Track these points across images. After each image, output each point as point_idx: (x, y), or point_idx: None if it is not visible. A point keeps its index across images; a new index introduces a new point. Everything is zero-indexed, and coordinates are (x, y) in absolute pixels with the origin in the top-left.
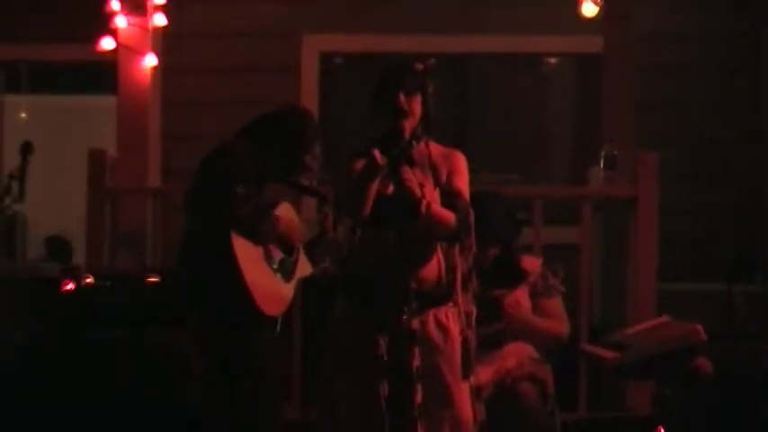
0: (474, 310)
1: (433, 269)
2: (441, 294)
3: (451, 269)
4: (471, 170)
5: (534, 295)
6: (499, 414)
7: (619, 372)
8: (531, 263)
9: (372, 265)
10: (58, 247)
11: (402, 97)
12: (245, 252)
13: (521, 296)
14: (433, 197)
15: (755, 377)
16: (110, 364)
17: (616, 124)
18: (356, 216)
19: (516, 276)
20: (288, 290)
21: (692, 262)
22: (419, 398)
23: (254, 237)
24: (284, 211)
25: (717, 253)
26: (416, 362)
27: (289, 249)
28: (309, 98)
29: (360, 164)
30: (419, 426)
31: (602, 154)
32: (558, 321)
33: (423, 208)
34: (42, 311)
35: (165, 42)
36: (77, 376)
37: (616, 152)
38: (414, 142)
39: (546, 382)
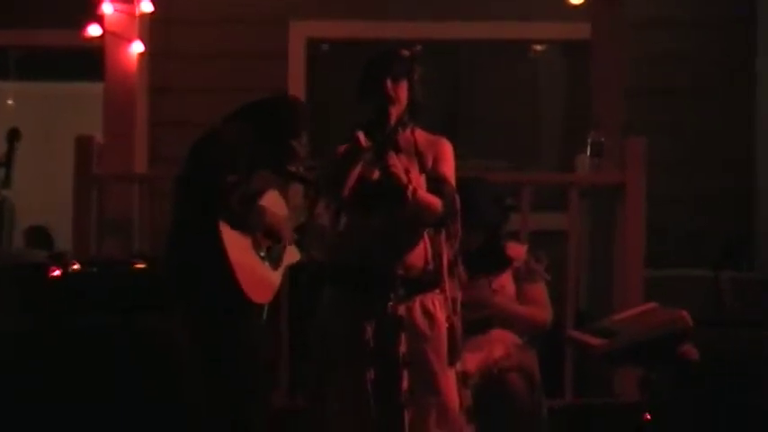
0: (460, 296)
1: (419, 255)
2: (427, 281)
3: (438, 255)
4: (460, 156)
5: (518, 280)
6: (486, 404)
7: (606, 358)
8: (517, 249)
9: (359, 252)
10: (37, 237)
11: (389, 83)
12: (233, 240)
13: (505, 281)
14: (419, 183)
15: (744, 363)
16: (98, 350)
17: (605, 111)
18: (335, 194)
19: (501, 262)
20: (275, 277)
21: (680, 249)
22: (405, 384)
23: (242, 228)
24: (272, 199)
25: (706, 240)
26: (403, 348)
27: (276, 238)
28: (297, 84)
29: (343, 148)
30: (405, 412)
31: (589, 141)
32: (540, 308)
33: (409, 194)
34: (29, 298)
35: (152, 29)
36: (65, 362)
37: (603, 139)
38: (399, 129)
39: (533, 372)
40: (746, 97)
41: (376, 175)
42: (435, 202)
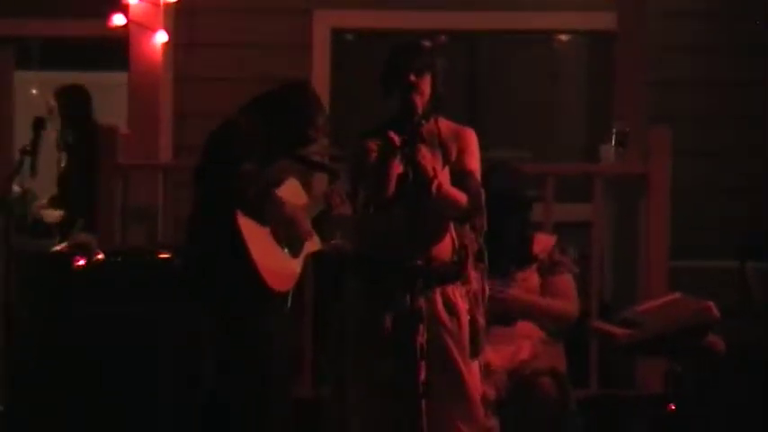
0: (486, 288)
1: (445, 248)
2: (449, 272)
3: (463, 247)
4: (483, 148)
5: (544, 272)
6: (516, 404)
7: (630, 349)
8: (545, 241)
9: (381, 243)
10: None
11: (413, 77)
12: (252, 228)
13: (529, 274)
14: (443, 176)
15: None
16: (121, 339)
17: (628, 101)
18: (380, 198)
19: (527, 257)
20: (295, 265)
21: (706, 239)
22: (423, 375)
23: (259, 218)
24: (291, 188)
25: (732, 230)
26: (421, 339)
27: (295, 229)
28: (321, 75)
29: (372, 144)
30: (423, 403)
31: (614, 131)
32: (566, 300)
33: (434, 188)
34: (54, 287)
35: (176, 18)
36: (89, 351)
37: (628, 129)
38: (423, 121)
39: (562, 371)
40: None
41: (401, 168)
42: (460, 197)
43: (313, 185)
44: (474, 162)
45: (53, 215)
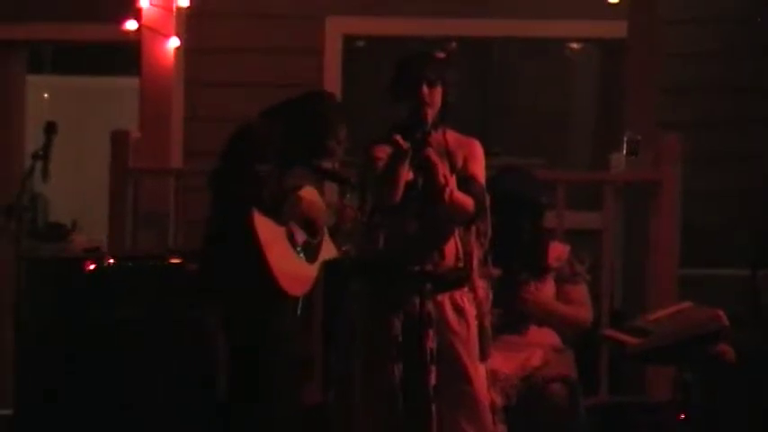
0: (490, 295)
1: (450, 253)
2: (457, 278)
3: (468, 254)
4: (495, 154)
5: (559, 281)
6: (526, 410)
7: (640, 357)
8: (559, 249)
9: (390, 249)
10: (55, 233)
11: (425, 89)
12: (268, 232)
13: (545, 284)
14: (452, 184)
15: None
16: (132, 343)
17: (639, 109)
18: (388, 205)
19: (542, 268)
20: (311, 270)
21: (716, 247)
22: (433, 379)
23: (277, 216)
24: (307, 194)
25: (742, 238)
26: (431, 344)
27: (313, 230)
28: (332, 80)
29: (380, 151)
30: (433, 407)
31: (625, 139)
32: (581, 307)
33: (446, 196)
34: (65, 291)
35: (188, 23)
36: (99, 356)
37: (639, 137)
38: (432, 131)
39: (573, 378)
40: None
41: (410, 176)
42: (468, 202)
43: (324, 194)
44: (479, 168)
45: None
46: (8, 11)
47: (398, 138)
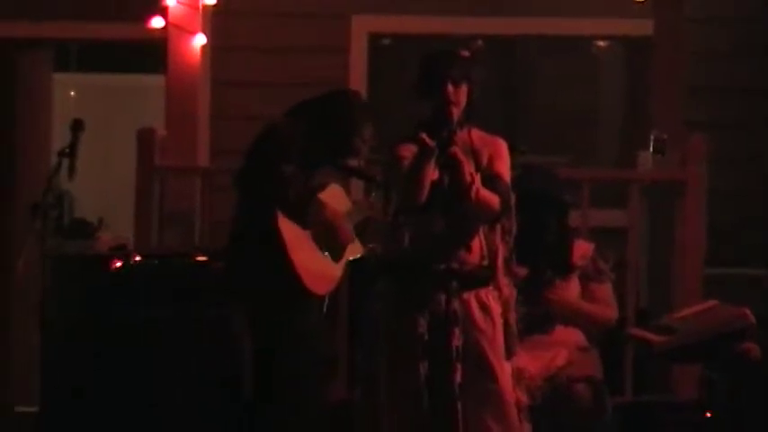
0: (515, 293)
1: (475, 251)
2: (482, 276)
3: (492, 252)
4: (522, 152)
5: (584, 280)
6: (551, 410)
7: (666, 355)
8: (584, 248)
9: (415, 247)
10: (81, 230)
11: (450, 88)
12: (292, 232)
13: (570, 283)
14: (476, 181)
15: None
16: (158, 341)
17: (665, 108)
18: (414, 204)
19: (567, 267)
20: (336, 269)
21: (741, 247)
22: (459, 377)
23: (302, 215)
24: (334, 194)
25: (763, 237)
26: (457, 342)
27: (334, 238)
28: (358, 79)
29: (406, 149)
30: (459, 405)
31: (652, 138)
32: (606, 306)
33: (473, 194)
34: (91, 289)
35: (214, 21)
36: (127, 354)
37: (665, 136)
38: (457, 129)
39: (598, 378)
40: None
41: (436, 175)
42: (494, 200)
43: (350, 191)
44: (504, 167)
45: None
46: (35, 10)
47: (424, 136)
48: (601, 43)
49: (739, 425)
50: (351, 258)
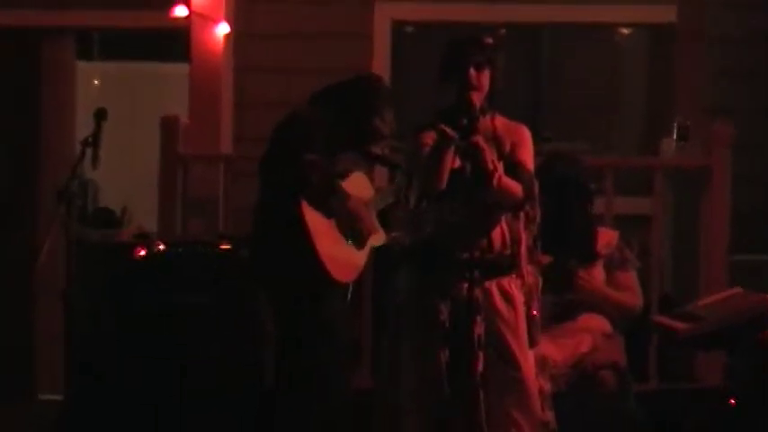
0: (539, 281)
1: (497, 239)
2: (504, 264)
3: (516, 240)
4: (546, 139)
5: (609, 267)
6: (576, 397)
7: (690, 342)
8: (609, 235)
9: (437, 235)
10: (104, 218)
11: (473, 73)
12: (316, 219)
13: (594, 270)
14: (499, 169)
15: None
16: (182, 329)
17: (688, 95)
18: (434, 191)
19: (591, 254)
20: (360, 257)
21: (760, 232)
22: (480, 365)
23: (324, 209)
24: (357, 181)
25: None
26: (479, 329)
27: (358, 235)
28: (381, 66)
29: (427, 137)
30: (480, 393)
31: (675, 125)
32: (631, 294)
33: (495, 181)
34: (115, 276)
35: (237, 9)
36: (149, 341)
37: (689, 122)
38: (480, 116)
39: (623, 365)
40: None
41: (457, 162)
42: (517, 188)
43: (374, 178)
44: (527, 154)
45: None
46: None
47: (444, 127)
48: (624, 30)
49: (764, 412)
50: (374, 245)
